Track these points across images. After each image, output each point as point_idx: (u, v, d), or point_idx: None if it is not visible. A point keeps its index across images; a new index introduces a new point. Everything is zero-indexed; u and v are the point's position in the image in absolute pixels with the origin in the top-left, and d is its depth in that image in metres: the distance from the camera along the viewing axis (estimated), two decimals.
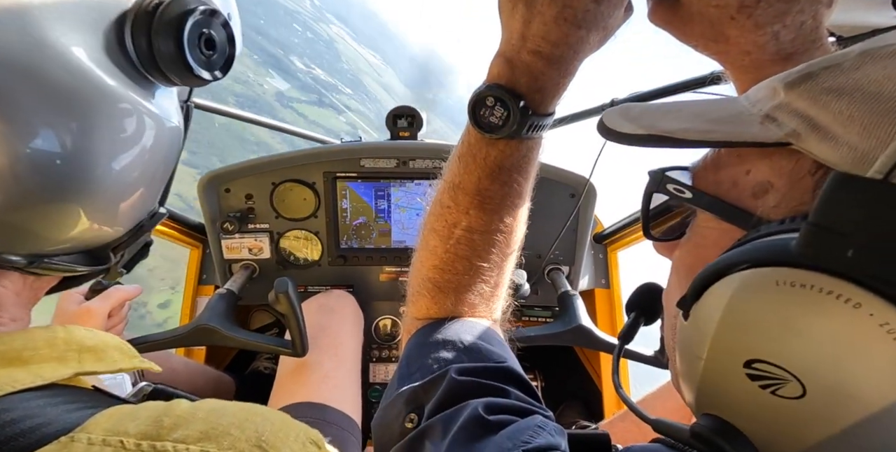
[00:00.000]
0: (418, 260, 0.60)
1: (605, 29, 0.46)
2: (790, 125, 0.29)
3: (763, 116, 0.31)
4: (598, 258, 1.55)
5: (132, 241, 0.47)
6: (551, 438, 0.39)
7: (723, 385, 0.30)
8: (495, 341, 0.56)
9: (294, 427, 0.41)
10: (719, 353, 0.29)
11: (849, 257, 0.23)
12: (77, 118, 0.36)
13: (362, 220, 1.41)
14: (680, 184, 0.37)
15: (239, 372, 1.63)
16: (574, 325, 1.17)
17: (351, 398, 1.11)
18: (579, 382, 1.67)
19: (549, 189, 1.31)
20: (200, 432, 0.35)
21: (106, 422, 0.33)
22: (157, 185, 0.48)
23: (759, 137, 0.30)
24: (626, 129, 0.36)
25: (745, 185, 0.34)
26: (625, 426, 1.12)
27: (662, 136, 0.34)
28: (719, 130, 0.33)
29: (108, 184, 0.40)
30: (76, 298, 0.96)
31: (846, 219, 0.23)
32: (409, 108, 1.42)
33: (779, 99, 0.30)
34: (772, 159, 0.33)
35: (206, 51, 0.43)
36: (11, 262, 0.37)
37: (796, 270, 0.25)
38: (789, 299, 0.26)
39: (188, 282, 1.52)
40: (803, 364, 0.26)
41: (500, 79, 0.48)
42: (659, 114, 0.37)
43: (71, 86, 0.35)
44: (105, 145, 0.38)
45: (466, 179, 0.53)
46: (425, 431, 0.45)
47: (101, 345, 0.43)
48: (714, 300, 0.30)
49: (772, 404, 0.27)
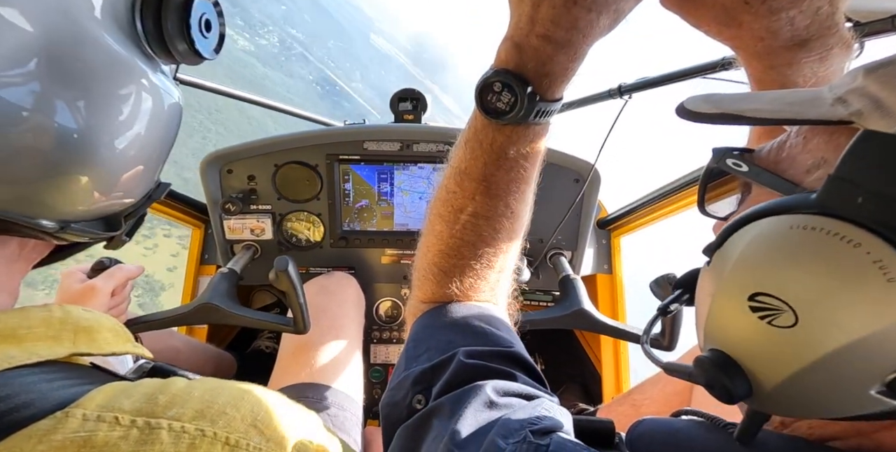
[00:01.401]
0: (424, 245, 0.60)
1: (616, 12, 0.45)
2: (856, 105, 0.30)
3: (836, 99, 0.31)
4: (601, 243, 1.55)
5: (142, 209, 0.50)
6: (557, 421, 0.40)
7: (728, 318, 0.32)
8: (503, 325, 0.57)
9: (291, 408, 0.41)
10: (729, 288, 0.32)
11: (858, 203, 0.26)
12: (103, 92, 0.38)
13: (365, 203, 1.41)
14: (739, 159, 0.39)
15: (240, 350, 1.65)
16: (575, 309, 1.17)
17: (352, 378, 1.12)
18: (579, 366, 1.69)
19: (553, 173, 1.30)
20: (196, 410, 0.35)
21: (101, 398, 0.34)
22: (164, 156, 0.50)
23: (824, 116, 0.31)
24: (702, 110, 0.38)
25: (803, 162, 0.35)
26: (623, 409, 1.14)
27: (733, 114, 0.36)
28: (788, 110, 0.33)
29: (129, 154, 0.42)
30: (79, 276, 0.97)
31: (862, 170, 0.26)
32: (413, 91, 1.40)
33: (856, 83, 0.31)
34: (832, 137, 0.34)
35: (206, 32, 0.47)
36: (43, 227, 0.38)
37: (810, 216, 0.28)
38: (799, 240, 0.28)
39: (190, 262, 1.52)
40: (799, 295, 0.28)
41: (507, 64, 0.47)
42: (739, 98, 0.38)
43: (96, 64, 0.37)
44: (127, 117, 0.41)
45: (472, 165, 0.52)
46: (433, 411, 0.46)
47: (95, 326, 0.43)
48: (734, 244, 0.32)
49: (766, 332, 0.30)
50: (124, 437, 0.32)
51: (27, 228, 0.38)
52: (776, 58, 0.48)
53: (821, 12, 0.44)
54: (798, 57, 0.47)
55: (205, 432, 0.34)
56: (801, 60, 0.47)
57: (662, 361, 0.39)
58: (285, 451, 0.37)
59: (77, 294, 0.94)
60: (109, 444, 0.31)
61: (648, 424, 0.41)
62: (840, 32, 0.46)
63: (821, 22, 0.44)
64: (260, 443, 0.36)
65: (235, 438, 0.35)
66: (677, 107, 0.41)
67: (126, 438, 0.32)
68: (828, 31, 0.45)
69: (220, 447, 0.34)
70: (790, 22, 0.44)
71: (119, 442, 0.32)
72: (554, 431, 0.38)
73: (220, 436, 0.34)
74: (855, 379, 0.27)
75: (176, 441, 0.33)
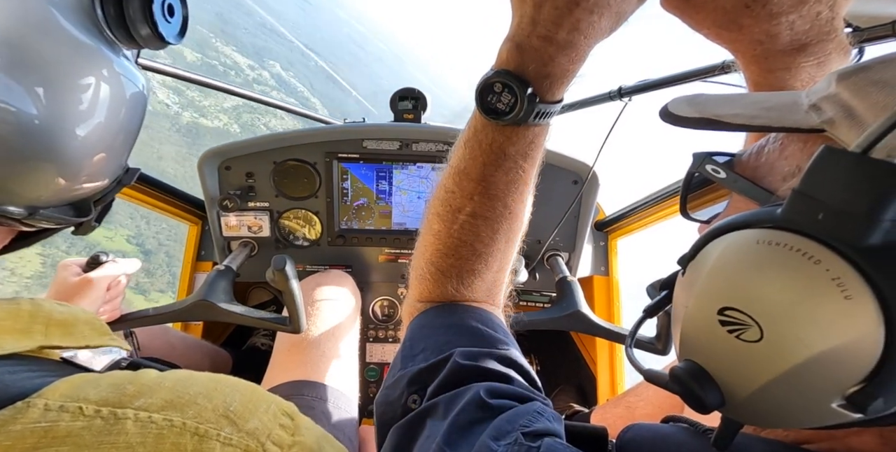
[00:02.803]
0: (422, 244, 0.60)
1: (618, 14, 0.45)
2: (829, 113, 0.30)
3: (811, 106, 0.32)
4: (598, 245, 1.55)
5: (112, 195, 0.49)
6: (549, 424, 0.40)
7: (700, 331, 0.33)
8: (499, 327, 0.57)
9: (265, 399, 0.40)
10: (700, 302, 0.32)
11: (819, 220, 0.27)
12: (65, 78, 0.38)
13: (363, 202, 1.40)
14: (718, 166, 0.40)
15: (236, 347, 1.64)
16: (572, 310, 1.18)
17: (347, 376, 1.12)
18: (575, 368, 1.69)
19: (552, 175, 1.30)
20: (165, 400, 0.34)
21: (66, 388, 0.33)
22: (130, 141, 0.50)
23: (798, 123, 0.32)
24: (684, 113, 0.39)
25: (780, 169, 0.36)
26: (618, 411, 1.14)
27: (712, 119, 0.36)
28: (765, 116, 0.34)
29: (93, 140, 0.42)
30: (75, 270, 0.97)
31: (823, 187, 0.27)
32: (413, 90, 1.40)
33: (830, 89, 0.31)
34: (807, 146, 0.34)
35: (169, 16, 0.47)
36: (11, 213, 0.38)
37: (775, 231, 0.29)
38: (764, 255, 0.29)
39: (186, 258, 1.52)
40: (764, 310, 0.29)
41: (508, 64, 0.47)
42: (722, 100, 0.38)
43: (56, 50, 0.37)
44: (89, 103, 0.40)
45: (471, 165, 0.52)
46: (427, 411, 0.46)
47: (70, 320, 0.42)
48: (706, 257, 0.33)
49: (734, 347, 0.30)
50: (87, 427, 0.31)
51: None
52: (775, 62, 0.48)
53: (821, 17, 0.44)
54: (797, 61, 0.47)
55: (173, 422, 0.33)
56: (799, 65, 0.47)
57: (644, 367, 0.40)
58: (258, 441, 0.36)
59: (73, 286, 0.94)
60: (72, 435, 0.31)
61: (637, 430, 0.42)
62: (839, 37, 0.46)
63: (820, 27, 0.45)
64: (231, 433, 0.35)
65: (205, 428, 0.34)
66: (661, 109, 0.41)
67: (89, 428, 0.31)
68: (827, 36, 0.45)
69: (188, 437, 0.33)
70: (790, 26, 0.44)
71: (82, 432, 0.31)
72: (546, 434, 0.38)
73: (190, 426, 0.34)
74: (817, 393, 0.28)
75: (142, 430, 0.32)
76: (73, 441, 0.30)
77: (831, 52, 0.47)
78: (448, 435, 0.40)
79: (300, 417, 0.41)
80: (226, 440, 0.34)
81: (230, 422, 0.36)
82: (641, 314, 0.50)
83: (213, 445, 0.34)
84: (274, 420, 0.39)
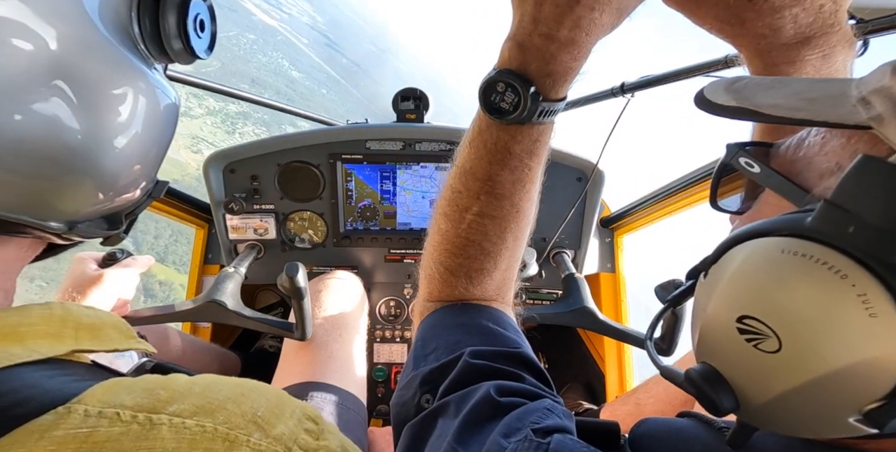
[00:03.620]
0: (430, 244, 0.60)
1: (620, 10, 0.44)
2: (878, 109, 0.29)
3: (859, 99, 0.30)
4: (604, 242, 1.55)
5: (143, 207, 0.51)
6: (560, 421, 0.40)
7: (717, 336, 0.32)
8: (509, 326, 0.57)
9: (290, 404, 0.41)
10: (720, 308, 0.32)
11: (849, 233, 0.25)
12: (104, 93, 0.39)
13: (367, 202, 1.41)
14: (752, 159, 0.38)
15: (244, 350, 1.65)
16: (578, 306, 1.18)
17: (355, 377, 1.12)
18: (583, 365, 1.69)
19: (556, 172, 1.30)
20: (196, 406, 0.35)
21: (103, 394, 0.33)
22: (162, 154, 0.51)
23: (843, 118, 0.30)
24: (720, 100, 0.37)
25: (818, 166, 0.34)
26: (627, 408, 1.14)
27: (750, 110, 0.35)
28: (808, 109, 0.32)
29: (130, 154, 0.43)
30: (91, 264, 1.00)
31: (857, 198, 0.25)
32: (415, 90, 1.40)
33: (882, 82, 0.29)
34: (849, 141, 0.33)
35: (200, 31, 0.48)
36: (52, 229, 0.39)
37: (801, 241, 0.28)
38: (788, 265, 0.28)
39: (194, 261, 1.53)
40: (784, 322, 0.28)
41: (510, 64, 0.47)
42: (762, 88, 0.36)
43: (98, 67, 0.38)
44: (127, 117, 0.41)
45: (477, 164, 0.52)
46: (438, 409, 0.46)
47: (98, 323, 0.43)
48: (728, 262, 0.32)
49: (752, 356, 0.30)
50: (125, 433, 0.32)
51: (37, 230, 0.38)
52: (778, 55, 0.47)
53: (824, 9, 0.43)
54: (801, 54, 0.47)
55: (205, 427, 0.34)
56: (804, 58, 0.47)
57: (662, 363, 0.39)
58: (285, 446, 0.37)
59: (89, 281, 0.97)
60: (111, 440, 0.31)
61: (651, 424, 0.41)
62: (843, 29, 0.46)
63: (824, 19, 0.44)
64: (260, 439, 0.35)
65: (235, 434, 0.35)
66: (696, 95, 0.40)
67: (127, 434, 0.32)
68: (831, 29, 0.45)
69: (220, 443, 0.34)
70: (793, 19, 0.44)
71: (120, 438, 0.31)
72: (556, 430, 0.38)
73: (221, 432, 0.34)
74: (834, 408, 0.27)
75: (177, 436, 0.33)
76: (112, 446, 0.31)
77: (836, 44, 0.46)
78: (459, 434, 0.41)
79: (324, 421, 0.42)
80: (255, 446, 0.35)
81: (258, 428, 0.36)
82: (663, 306, 0.50)
83: (244, 451, 0.34)
84: (299, 424, 0.39)
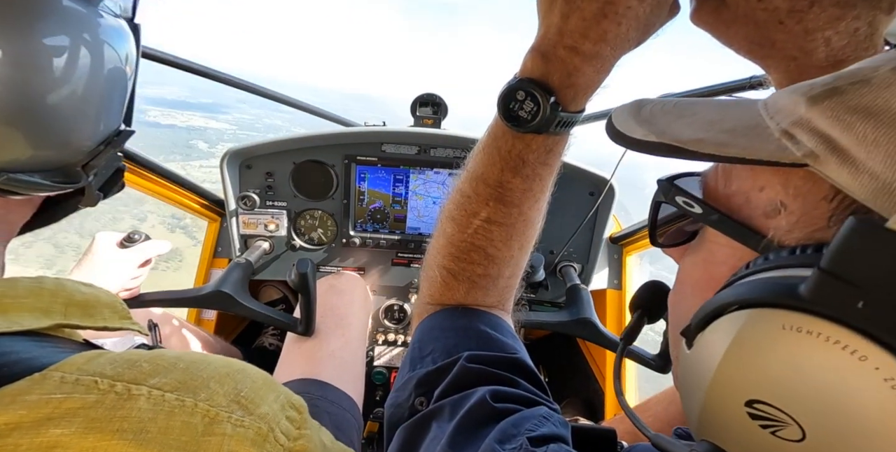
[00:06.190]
0: (434, 247, 0.60)
1: (647, 27, 0.44)
2: (808, 145, 0.27)
3: (781, 132, 0.29)
4: (612, 259, 1.54)
5: (101, 160, 0.46)
6: (555, 428, 0.39)
7: (723, 419, 0.30)
8: (507, 332, 0.57)
9: (276, 389, 0.40)
10: (721, 389, 0.29)
11: (859, 309, 0.23)
12: (32, 35, 0.35)
13: (378, 205, 1.41)
14: (690, 197, 0.36)
15: (246, 345, 1.66)
16: (580, 317, 1.17)
17: (354, 378, 1.12)
18: (583, 381, 1.67)
19: (568, 185, 1.30)
20: (178, 381, 0.34)
21: (84, 363, 0.33)
22: (117, 103, 0.47)
23: (776, 156, 0.28)
24: (637, 135, 0.35)
25: (758, 203, 0.33)
26: (626, 427, 1.12)
27: (675, 147, 0.32)
28: (735, 144, 0.30)
29: (65, 102, 0.39)
30: (111, 243, 1.04)
31: (860, 270, 0.22)
32: (434, 96, 1.41)
33: (799, 113, 0.28)
34: (787, 178, 0.31)
35: None
36: None
37: (804, 315, 0.25)
38: (795, 345, 0.25)
39: (204, 253, 1.55)
40: (804, 409, 0.25)
41: (532, 73, 0.47)
42: (672, 116, 0.35)
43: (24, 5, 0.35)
44: (63, 63, 0.38)
45: (489, 170, 0.52)
46: (433, 413, 0.46)
47: (92, 301, 0.42)
48: (719, 335, 0.29)
49: (771, 444, 0.27)
50: (100, 401, 0.31)
51: None
52: (809, 78, 0.47)
53: (859, 33, 0.42)
54: None
55: (185, 402, 0.33)
56: None
57: (651, 432, 0.37)
58: (269, 426, 0.36)
59: (107, 260, 1.01)
60: (85, 407, 0.30)
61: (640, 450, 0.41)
62: (877, 54, 0.45)
63: (858, 43, 0.43)
64: (243, 417, 0.35)
65: (216, 411, 0.34)
66: (607, 126, 0.38)
67: (102, 402, 0.31)
68: (865, 53, 0.43)
69: (199, 417, 0.33)
70: (826, 42, 0.42)
71: (95, 405, 0.31)
72: (552, 439, 0.38)
73: (201, 408, 0.34)
74: None
75: (154, 407, 0.32)
76: (85, 413, 0.30)
77: None
78: (453, 438, 0.40)
79: (307, 413, 0.41)
80: (237, 422, 0.34)
81: (241, 407, 0.36)
82: (621, 341, 0.50)
83: (225, 427, 0.34)
84: (282, 411, 0.39)
